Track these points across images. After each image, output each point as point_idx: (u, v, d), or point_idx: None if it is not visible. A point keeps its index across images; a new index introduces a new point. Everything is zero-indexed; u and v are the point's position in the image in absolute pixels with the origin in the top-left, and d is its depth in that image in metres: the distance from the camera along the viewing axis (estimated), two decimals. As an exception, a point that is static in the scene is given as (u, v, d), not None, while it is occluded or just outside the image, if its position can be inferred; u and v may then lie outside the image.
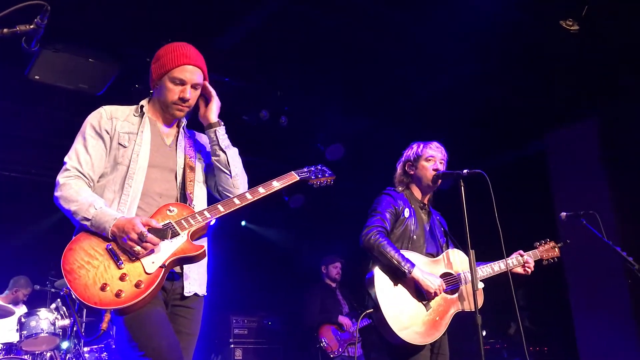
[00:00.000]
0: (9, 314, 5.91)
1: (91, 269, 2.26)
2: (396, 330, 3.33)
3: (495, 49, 6.07)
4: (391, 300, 3.41)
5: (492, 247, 3.75)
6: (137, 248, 2.30)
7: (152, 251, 2.34)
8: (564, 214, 4.55)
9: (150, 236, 2.32)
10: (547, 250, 4.07)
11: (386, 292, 3.43)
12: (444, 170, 3.80)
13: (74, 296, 2.21)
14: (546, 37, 5.80)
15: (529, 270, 3.90)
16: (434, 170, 3.78)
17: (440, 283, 3.48)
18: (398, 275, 3.45)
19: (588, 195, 6.68)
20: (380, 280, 3.46)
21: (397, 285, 3.47)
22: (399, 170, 3.94)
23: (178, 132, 2.79)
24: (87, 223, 2.37)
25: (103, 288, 2.22)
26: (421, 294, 3.46)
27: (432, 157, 3.82)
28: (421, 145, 3.89)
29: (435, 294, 3.45)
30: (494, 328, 7.33)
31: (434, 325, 3.46)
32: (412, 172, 3.85)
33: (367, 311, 3.45)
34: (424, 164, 3.81)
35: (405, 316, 3.40)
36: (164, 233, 2.38)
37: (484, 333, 3.39)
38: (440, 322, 3.49)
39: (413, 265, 3.43)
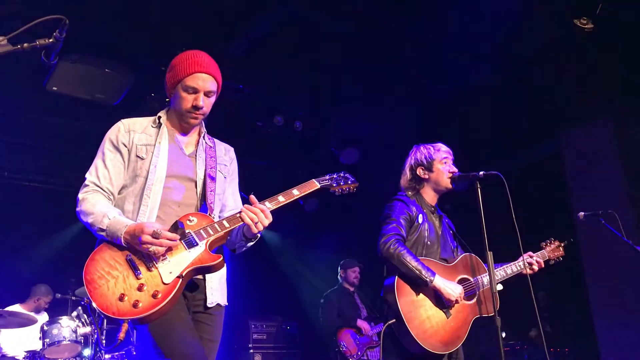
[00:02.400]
0: (32, 322, 5.98)
1: (111, 279, 2.29)
2: (419, 340, 3.28)
3: (509, 48, 6.05)
4: (412, 309, 3.37)
5: (508, 249, 3.74)
6: (153, 248, 2.31)
7: (169, 261, 2.36)
8: (582, 213, 4.51)
9: (165, 232, 2.33)
10: (553, 250, 4.02)
11: (407, 301, 3.39)
12: (459, 172, 3.77)
13: (93, 306, 2.24)
14: (560, 36, 5.76)
15: (535, 269, 3.81)
16: (450, 172, 3.73)
17: (461, 290, 3.44)
18: (418, 284, 3.40)
19: (606, 194, 6.61)
20: (401, 289, 3.41)
21: (418, 294, 3.42)
22: (408, 175, 3.84)
23: (198, 141, 2.80)
24: (103, 233, 2.41)
25: (121, 298, 2.24)
26: (441, 302, 3.42)
27: (446, 158, 3.78)
28: (431, 148, 3.82)
29: (456, 302, 3.42)
30: (514, 330, 7.27)
31: (455, 333, 3.42)
32: (426, 177, 3.77)
33: (390, 322, 3.38)
34: (440, 166, 3.75)
35: (427, 325, 3.36)
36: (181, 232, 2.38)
37: (504, 334, 3.35)
38: (461, 328, 3.45)
39: (434, 274, 3.38)
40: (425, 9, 5.48)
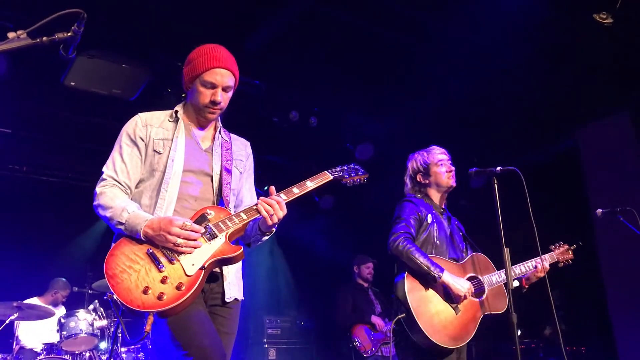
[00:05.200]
0: (49, 315, 6.06)
1: (133, 273, 2.30)
2: (429, 334, 3.35)
3: (525, 44, 5.99)
4: (422, 305, 3.44)
5: (525, 245, 3.71)
6: (180, 240, 2.33)
7: (191, 253, 2.37)
8: (599, 210, 4.47)
9: (193, 225, 2.37)
10: (562, 252, 4.03)
11: (416, 296, 3.45)
12: (476, 168, 3.78)
13: (117, 300, 2.25)
14: (578, 30, 5.70)
15: (539, 275, 3.81)
16: (448, 171, 3.82)
17: (469, 286, 3.50)
18: (428, 280, 3.47)
19: (624, 190, 6.54)
20: (410, 285, 3.47)
21: (427, 290, 3.49)
22: (409, 184, 3.95)
23: (214, 135, 2.81)
24: (122, 227, 2.42)
25: (145, 291, 2.25)
26: (450, 298, 3.48)
27: (442, 160, 3.86)
28: (424, 153, 3.92)
29: (465, 298, 3.47)
30: (529, 328, 7.23)
31: (464, 328, 3.48)
32: (426, 182, 3.86)
33: (399, 316, 3.45)
34: (436, 169, 3.84)
35: (436, 320, 3.42)
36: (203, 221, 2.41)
37: (519, 332, 3.34)
38: (469, 324, 3.50)
39: (442, 269, 3.45)
40: (442, 4, 5.44)
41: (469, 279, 3.61)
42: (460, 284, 3.45)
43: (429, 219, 3.70)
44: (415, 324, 3.37)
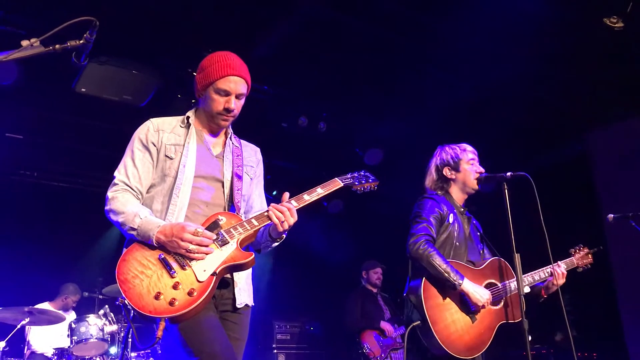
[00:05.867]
0: (60, 319, 6.09)
1: (145, 279, 2.32)
2: (444, 344, 3.25)
3: (536, 48, 5.97)
4: (438, 312, 3.33)
5: (535, 251, 3.68)
6: (192, 247, 2.35)
7: (203, 259, 2.38)
8: (611, 215, 4.43)
9: (205, 231, 2.39)
10: (582, 257, 3.91)
11: (433, 304, 3.35)
12: (486, 173, 3.73)
13: (128, 305, 2.26)
14: (589, 34, 5.67)
15: (558, 282, 3.65)
16: (477, 173, 3.70)
17: (489, 296, 3.39)
18: (446, 287, 3.36)
19: (635, 195, 6.49)
20: (427, 291, 3.37)
21: (444, 297, 3.38)
22: (434, 175, 3.80)
23: (225, 142, 2.83)
24: (134, 233, 2.43)
25: (157, 297, 2.26)
26: (467, 306, 3.38)
27: (473, 159, 3.74)
28: (457, 148, 3.78)
29: (483, 307, 3.37)
30: (540, 333, 7.18)
31: (479, 338, 3.38)
32: (453, 177, 3.74)
33: (414, 324, 3.34)
34: (466, 167, 3.72)
35: (452, 329, 3.32)
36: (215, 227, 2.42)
37: (530, 338, 3.30)
38: (485, 334, 3.40)
39: (463, 277, 3.34)
40: (451, 9, 5.43)
41: (488, 285, 3.51)
42: (480, 294, 3.35)
43: (451, 219, 3.58)
44: (430, 333, 3.27)
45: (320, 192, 2.72)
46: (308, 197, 2.66)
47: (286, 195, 2.60)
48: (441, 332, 3.28)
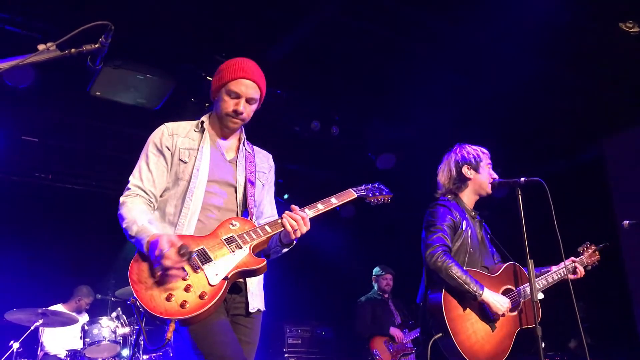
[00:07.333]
0: (73, 321, 6.13)
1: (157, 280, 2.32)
2: (467, 355, 3.22)
3: (550, 53, 5.94)
4: (459, 324, 3.30)
5: (549, 257, 3.65)
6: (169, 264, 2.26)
7: (215, 263, 2.39)
8: (626, 222, 4.40)
9: (171, 254, 2.26)
10: (590, 255, 3.92)
11: (454, 315, 3.31)
12: (500, 179, 3.70)
13: (139, 305, 2.26)
14: (604, 39, 5.63)
15: (579, 275, 3.76)
16: (492, 178, 3.67)
17: (509, 304, 3.36)
18: (465, 298, 3.34)
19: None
20: (448, 304, 3.33)
21: (465, 308, 3.35)
22: (453, 171, 3.69)
23: (239, 147, 2.84)
24: (133, 240, 2.44)
25: (168, 298, 2.27)
26: (486, 315, 3.35)
27: (490, 164, 3.72)
28: (477, 149, 3.73)
29: (503, 315, 3.35)
30: (553, 340, 7.10)
31: (500, 346, 3.36)
32: (471, 177, 3.67)
33: (436, 337, 3.29)
34: (486, 169, 3.68)
35: (473, 339, 3.29)
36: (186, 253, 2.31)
37: (543, 345, 3.27)
38: (505, 341, 3.38)
39: (482, 287, 3.30)
40: (466, 12, 5.41)
41: (505, 291, 3.48)
42: (501, 302, 3.31)
43: (464, 225, 3.54)
44: (453, 345, 3.23)
45: (334, 202, 2.73)
46: (322, 207, 2.68)
47: (294, 207, 2.59)
48: (463, 343, 3.25)
